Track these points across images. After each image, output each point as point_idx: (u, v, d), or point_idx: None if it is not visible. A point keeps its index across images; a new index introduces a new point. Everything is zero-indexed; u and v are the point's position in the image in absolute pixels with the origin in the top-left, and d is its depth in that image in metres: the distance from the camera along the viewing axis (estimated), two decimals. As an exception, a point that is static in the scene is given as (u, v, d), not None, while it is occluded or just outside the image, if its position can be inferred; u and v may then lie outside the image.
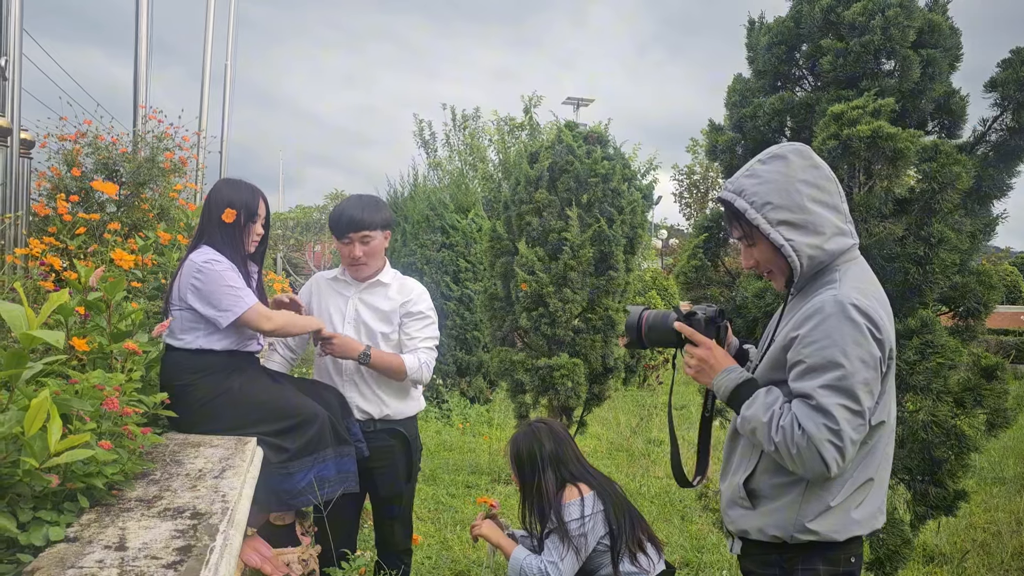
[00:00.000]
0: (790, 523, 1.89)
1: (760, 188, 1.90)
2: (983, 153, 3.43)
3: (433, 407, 10.07)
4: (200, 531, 1.54)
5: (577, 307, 6.47)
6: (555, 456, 3.00)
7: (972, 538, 5.42)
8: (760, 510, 1.96)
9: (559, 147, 6.77)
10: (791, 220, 1.87)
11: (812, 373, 1.79)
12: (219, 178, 3.29)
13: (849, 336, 1.76)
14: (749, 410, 1.90)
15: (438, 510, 5.86)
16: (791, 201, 1.87)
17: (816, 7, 3.52)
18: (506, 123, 20.61)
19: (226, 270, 2.56)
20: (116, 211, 4.29)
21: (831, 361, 1.77)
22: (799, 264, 1.88)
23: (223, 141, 11.65)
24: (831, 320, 1.78)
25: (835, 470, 1.77)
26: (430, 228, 11.04)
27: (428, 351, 3.14)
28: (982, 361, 3.31)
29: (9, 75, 3.58)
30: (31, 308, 1.49)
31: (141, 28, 6.96)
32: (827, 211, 1.89)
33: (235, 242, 2.67)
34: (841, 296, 1.80)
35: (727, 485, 2.09)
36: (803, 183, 1.88)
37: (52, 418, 1.40)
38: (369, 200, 3.14)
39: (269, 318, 2.62)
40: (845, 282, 1.85)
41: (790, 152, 1.92)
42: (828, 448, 1.75)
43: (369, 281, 3.15)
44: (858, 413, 1.77)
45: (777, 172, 1.89)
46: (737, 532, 2.05)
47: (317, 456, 2.59)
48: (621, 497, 3.00)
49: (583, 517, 2.85)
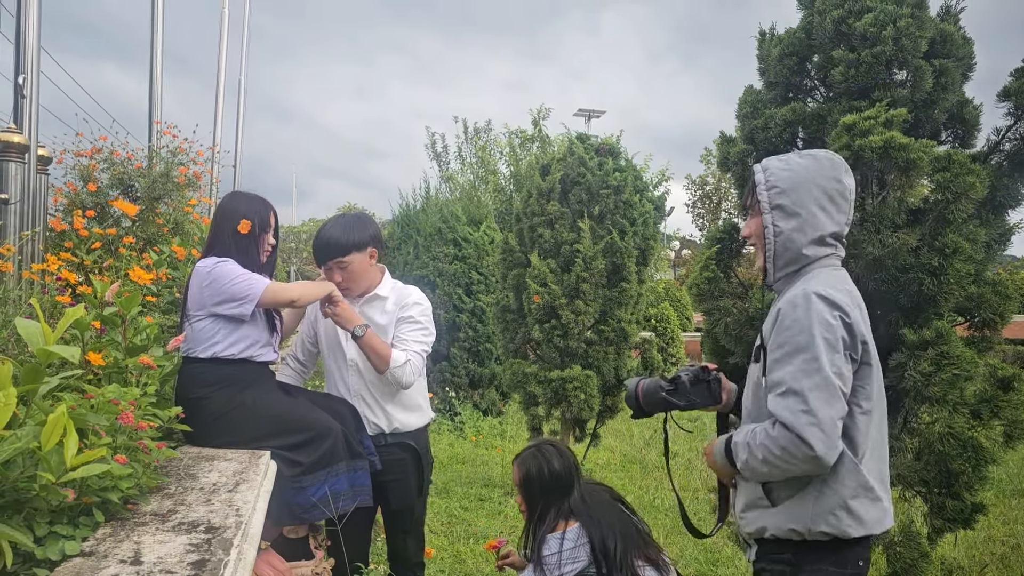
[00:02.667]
0: (807, 517, 1.91)
1: (781, 173, 2.02)
2: (997, 162, 3.41)
3: (446, 419, 10.06)
4: (214, 545, 1.54)
5: (589, 319, 6.46)
6: (560, 482, 2.90)
7: (991, 551, 5.36)
8: (780, 507, 1.98)
9: (571, 159, 6.79)
10: (787, 208, 1.99)
11: (781, 362, 1.88)
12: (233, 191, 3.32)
13: (816, 320, 1.84)
14: (736, 437, 2.01)
15: (451, 523, 5.85)
16: (797, 195, 1.98)
17: (827, 18, 3.52)
18: (517, 135, 20.67)
19: (231, 264, 2.59)
20: (131, 226, 4.33)
21: (798, 347, 1.85)
22: (773, 247, 2.01)
23: (237, 154, 11.74)
24: (798, 310, 1.88)
25: (823, 450, 1.79)
26: (442, 240, 11.06)
27: (416, 354, 3.06)
28: (999, 372, 3.28)
29: (27, 92, 3.62)
30: (47, 323, 1.51)
31: (156, 46, 7.04)
32: (825, 218, 1.99)
33: (249, 252, 2.70)
34: (809, 288, 1.89)
35: (742, 491, 2.11)
36: (818, 187, 1.98)
37: (68, 433, 1.41)
38: (348, 222, 3.09)
39: (288, 289, 2.70)
40: (815, 280, 1.94)
41: (825, 157, 2.03)
42: (808, 431, 1.79)
43: (367, 296, 3.13)
44: (832, 392, 1.81)
45: (803, 167, 2.01)
46: (754, 532, 2.06)
47: (330, 470, 2.59)
48: (617, 522, 2.87)
49: (560, 552, 2.75)
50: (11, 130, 3.59)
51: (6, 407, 1.27)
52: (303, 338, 3.30)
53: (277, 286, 2.64)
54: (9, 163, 3.59)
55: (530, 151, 20.27)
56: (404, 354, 3.02)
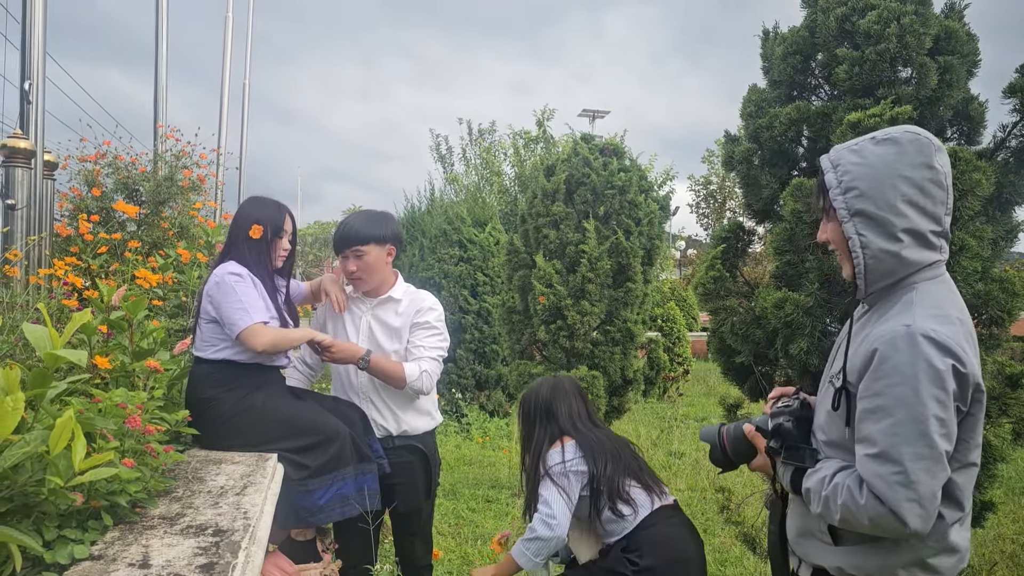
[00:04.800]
0: (875, 568, 1.68)
1: (855, 169, 1.67)
2: (1003, 159, 3.40)
3: (452, 421, 10.06)
4: (222, 548, 1.54)
5: (595, 319, 6.46)
6: (548, 409, 3.08)
7: (1001, 549, 5.33)
8: (843, 548, 1.74)
9: (575, 160, 6.78)
10: (871, 214, 1.65)
11: (877, 415, 1.58)
12: (238, 196, 3.32)
13: (923, 371, 1.53)
14: (809, 481, 1.74)
15: (459, 524, 5.85)
16: (881, 195, 1.64)
17: (831, 16, 3.51)
18: (521, 137, 20.67)
19: (239, 283, 2.58)
20: (136, 230, 4.35)
21: (899, 401, 1.54)
22: (863, 263, 1.67)
23: (242, 158, 11.77)
24: (900, 355, 1.55)
25: (919, 526, 1.53)
26: (448, 242, 11.07)
27: (432, 361, 3.09)
28: (1007, 370, 3.26)
29: (33, 98, 3.64)
30: (55, 328, 1.51)
31: (161, 51, 7.06)
32: (920, 217, 1.64)
33: (262, 257, 2.72)
34: (915, 328, 1.56)
35: (798, 516, 1.88)
36: (905, 180, 1.63)
37: (76, 437, 1.41)
38: (372, 215, 3.14)
39: (260, 335, 2.55)
40: (921, 306, 1.62)
41: (908, 140, 1.66)
42: (905, 507, 1.52)
43: (380, 298, 3.14)
44: (937, 460, 1.53)
45: (882, 158, 1.65)
46: (811, 563, 1.84)
47: (337, 474, 2.59)
48: (609, 445, 3.01)
49: (564, 461, 2.91)
50: (17, 136, 3.61)
51: (14, 411, 1.28)
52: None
53: (255, 331, 2.54)
54: (16, 169, 3.60)
55: (534, 152, 20.26)
56: (417, 365, 3.03)
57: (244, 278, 2.60)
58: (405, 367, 3.00)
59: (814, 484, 1.71)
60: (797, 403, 1.90)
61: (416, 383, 3.02)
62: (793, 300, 3.27)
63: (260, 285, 2.67)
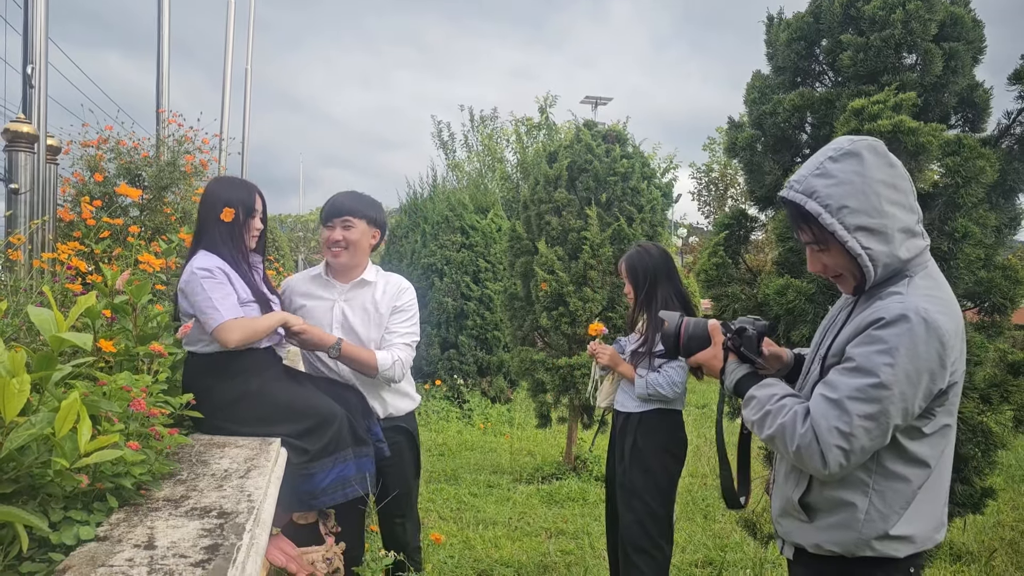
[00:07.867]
0: (850, 540, 1.76)
1: (835, 190, 1.71)
2: (1008, 146, 3.39)
3: (454, 407, 10.09)
4: (227, 530, 1.55)
5: (597, 306, 6.46)
6: (660, 268, 3.39)
7: (1000, 536, 5.35)
8: (817, 524, 1.82)
9: (578, 146, 6.77)
10: (869, 226, 1.70)
11: (849, 369, 1.67)
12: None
13: (905, 346, 1.61)
14: (759, 391, 1.84)
15: (460, 509, 5.87)
16: (869, 204, 1.69)
17: (835, 2, 3.49)
18: (523, 124, 20.61)
19: (207, 279, 2.52)
20: (139, 215, 4.35)
21: (874, 367, 1.62)
22: (874, 274, 1.73)
23: (244, 143, 11.75)
24: (892, 327, 1.63)
25: (835, 472, 1.67)
26: (450, 229, 11.06)
27: (405, 348, 3.06)
28: (1008, 357, 3.26)
29: (36, 82, 3.63)
30: (59, 311, 1.52)
31: (163, 36, 7.04)
32: (902, 212, 1.73)
33: (235, 240, 2.68)
34: (908, 305, 1.64)
35: (778, 495, 1.96)
36: (881, 183, 1.71)
37: (82, 419, 1.42)
38: (366, 196, 3.15)
39: (231, 331, 2.50)
40: (914, 290, 1.70)
41: (864, 149, 1.73)
42: (834, 452, 1.65)
43: (353, 281, 3.09)
44: (883, 430, 1.64)
45: (852, 172, 1.71)
46: (791, 542, 1.93)
47: (337, 456, 2.60)
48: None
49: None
50: (20, 120, 3.60)
51: (20, 394, 1.28)
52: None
53: (225, 327, 2.49)
54: (19, 153, 3.61)
55: (537, 139, 20.21)
56: (390, 354, 2.99)
57: (213, 272, 2.54)
58: (378, 355, 2.96)
59: (762, 396, 1.83)
60: (764, 324, 2.03)
61: (388, 372, 2.97)
62: (795, 287, 3.27)
63: (234, 272, 2.62)
